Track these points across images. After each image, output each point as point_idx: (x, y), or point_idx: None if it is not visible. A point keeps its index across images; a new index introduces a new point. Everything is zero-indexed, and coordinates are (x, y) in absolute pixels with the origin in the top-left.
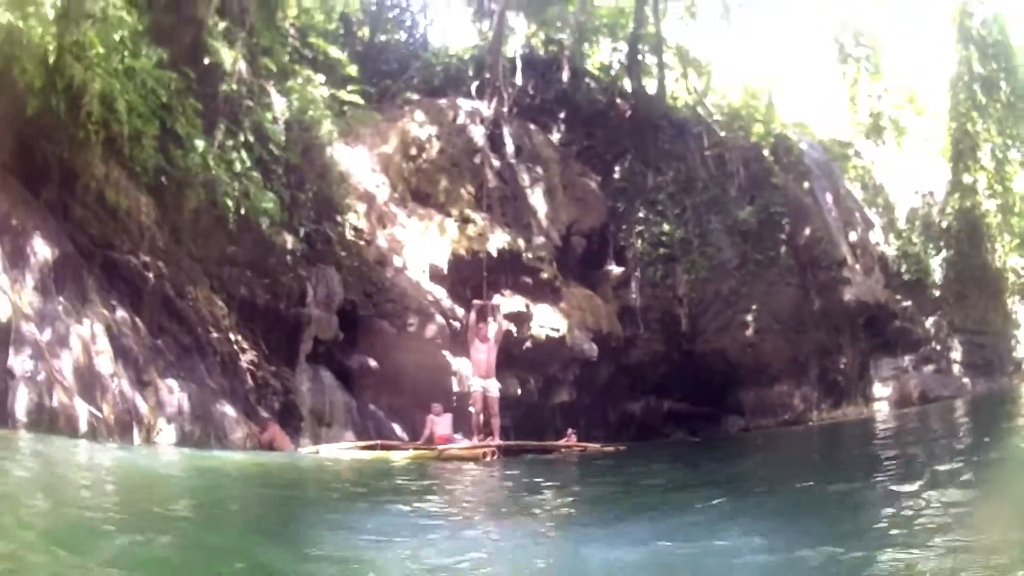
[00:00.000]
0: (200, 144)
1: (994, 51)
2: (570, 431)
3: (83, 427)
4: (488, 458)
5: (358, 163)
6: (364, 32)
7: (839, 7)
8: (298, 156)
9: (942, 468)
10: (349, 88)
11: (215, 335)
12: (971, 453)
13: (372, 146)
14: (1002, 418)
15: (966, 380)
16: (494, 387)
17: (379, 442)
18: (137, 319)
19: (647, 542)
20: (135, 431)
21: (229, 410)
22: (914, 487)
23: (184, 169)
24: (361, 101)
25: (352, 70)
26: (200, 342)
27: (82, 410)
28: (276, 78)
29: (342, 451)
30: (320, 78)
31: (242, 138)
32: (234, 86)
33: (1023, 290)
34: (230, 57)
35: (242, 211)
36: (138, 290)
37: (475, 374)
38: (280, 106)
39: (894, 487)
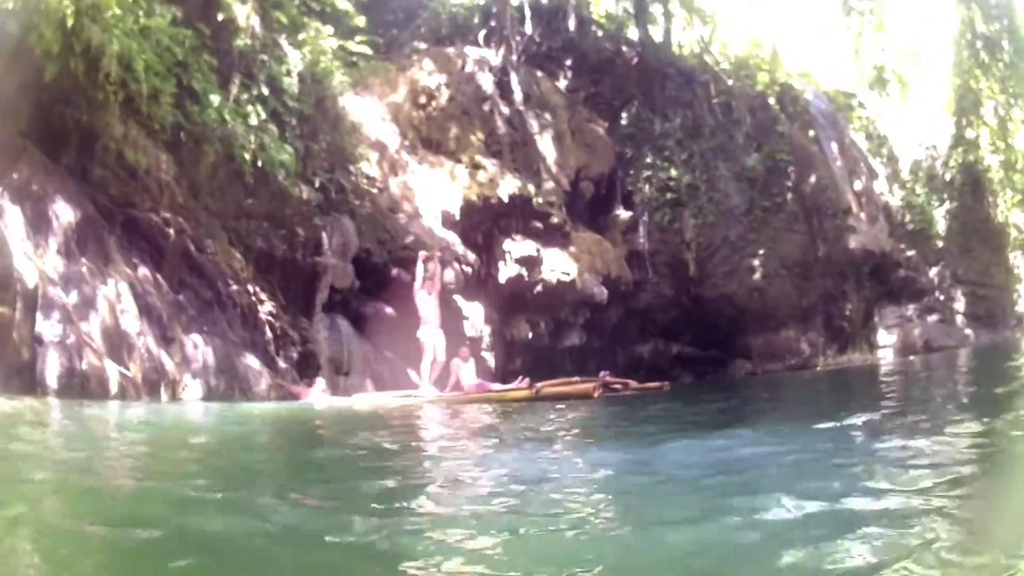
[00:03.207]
0: (216, 99)
1: (997, 12)
2: (603, 373)
3: (113, 388)
4: (597, 394)
5: (369, 113)
6: None
7: None
8: (311, 107)
9: (945, 409)
10: (357, 39)
11: (234, 288)
12: (975, 398)
13: (382, 95)
14: (1004, 368)
15: (969, 331)
16: (442, 338)
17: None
18: (159, 276)
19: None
20: (162, 389)
21: (252, 362)
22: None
23: (201, 125)
24: (370, 51)
25: (360, 21)
26: (220, 296)
27: (112, 371)
28: (287, 31)
29: (411, 400)
30: (329, 30)
31: (256, 92)
32: (247, 41)
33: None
34: (243, 12)
35: (258, 164)
36: (159, 247)
37: (427, 325)
38: (293, 59)
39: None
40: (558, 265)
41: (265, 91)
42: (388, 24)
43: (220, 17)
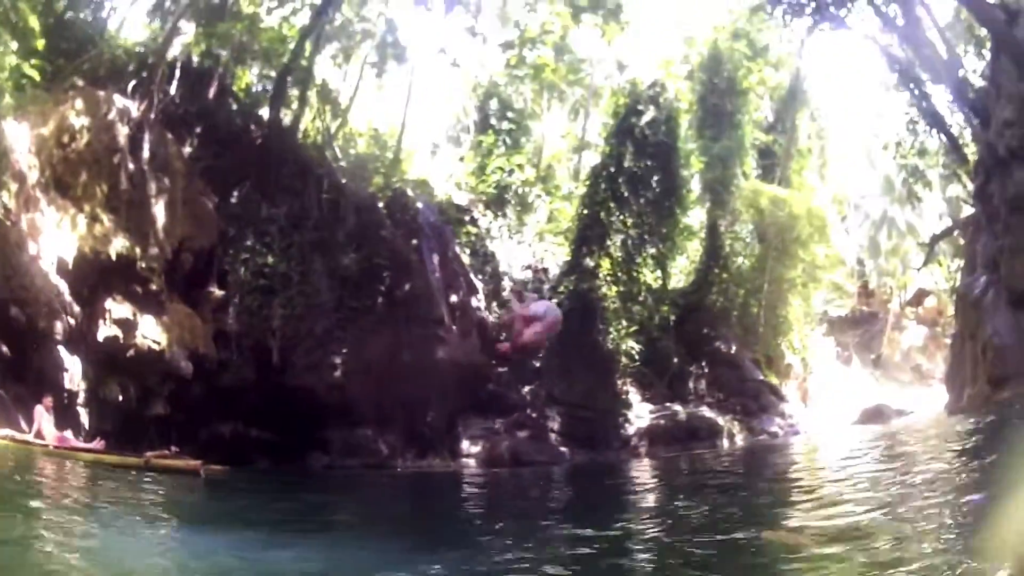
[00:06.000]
0: None
1: (654, 151)
2: (173, 447)
3: None
4: (204, 472)
5: (19, 141)
6: (62, 4)
7: (486, 79)
8: None
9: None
10: (32, 62)
11: None
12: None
13: (34, 125)
14: (578, 486)
15: (564, 449)
16: None
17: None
18: None
19: None
20: None
21: None
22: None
23: None
24: (38, 77)
25: (40, 43)
26: None
27: None
28: None
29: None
30: (14, 45)
31: None
32: None
33: (636, 373)
34: None
35: None
36: None
37: None
38: None
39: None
40: (150, 332)
41: None
42: (61, 52)
43: None
